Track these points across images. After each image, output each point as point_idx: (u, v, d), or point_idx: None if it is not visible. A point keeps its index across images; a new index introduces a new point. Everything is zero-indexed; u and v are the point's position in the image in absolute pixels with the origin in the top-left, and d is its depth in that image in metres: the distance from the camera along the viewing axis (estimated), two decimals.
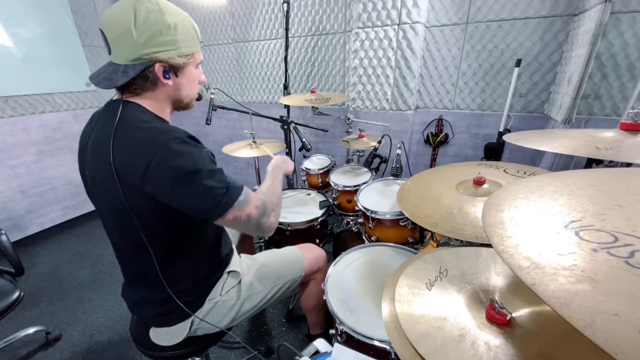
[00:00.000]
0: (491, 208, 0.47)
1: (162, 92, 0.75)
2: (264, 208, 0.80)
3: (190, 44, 0.73)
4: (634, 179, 0.47)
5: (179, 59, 0.72)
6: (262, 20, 2.50)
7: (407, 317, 0.58)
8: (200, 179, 0.68)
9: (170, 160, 0.66)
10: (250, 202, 0.76)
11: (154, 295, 0.82)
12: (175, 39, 0.69)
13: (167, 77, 0.73)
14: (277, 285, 1.02)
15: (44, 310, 1.76)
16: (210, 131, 3.21)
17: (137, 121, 0.70)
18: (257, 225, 0.78)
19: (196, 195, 0.68)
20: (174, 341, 0.85)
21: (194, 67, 0.78)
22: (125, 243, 0.81)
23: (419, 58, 1.93)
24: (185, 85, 0.78)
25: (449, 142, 2.12)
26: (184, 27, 0.71)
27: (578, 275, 0.31)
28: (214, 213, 0.71)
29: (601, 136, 0.80)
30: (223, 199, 0.71)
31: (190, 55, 0.75)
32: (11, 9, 2.13)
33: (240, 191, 0.75)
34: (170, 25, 0.68)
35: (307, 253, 1.13)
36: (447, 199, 0.89)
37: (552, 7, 1.61)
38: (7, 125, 2.21)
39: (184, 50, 0.72)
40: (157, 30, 0.67)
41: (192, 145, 0.71)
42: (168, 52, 0.70)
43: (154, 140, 0.67)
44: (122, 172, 0.68)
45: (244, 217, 0.75)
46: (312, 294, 1.16)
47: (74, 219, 2.71)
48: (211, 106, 1.58)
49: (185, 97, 0.80)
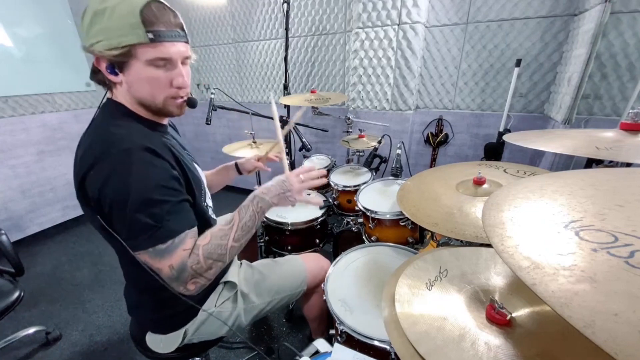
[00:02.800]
0: (491, 208, 0.47)
1: (119, 90, 0.68)
2: (179, 275, 0.64)
3: (124, 33, 0.58)
4: (634, 179, 0.47)
5: (107, 53, 0.59)
6: (262, 20, 2.50)
7: (407, 317, 0.58)
8: (128, 205, 0.59)
9: (105, 175, 0.59)
10: (169, 257, 0.63)
11: (147, 299, 0.80)
12: (105, 26, 0.58)
13: (111, 73, 0.64)
14: (274, 299, 0.97)
15: (44, 310, 1.76)
16: (210, 131, 3.21)
17: (99, 120, 0.67)
18: (168, 282, 0.65)
19: (118, 218, 0.61)
20: (168, 349, 0.83)
21: (142, 64, 0.62)
22: (113, 248, 0.75)
23: (419, 58, 1.93)
24: (135, 84, 0.65)
25: (449, 142, 2.12)
26: (121, 12, 0.58)
27: (578, 275, 0.31)
28: (128, 244, 0.62)
29: (601, 136, 0.80)
30: (139, 237, 0.61)
31: (127, 47, 0.59)
32: (11, 9, 2.13)
33: (168, 238, 0.62)
34: (101, 10, 0.57)
35: (312, 265, 1.07)
36: (447, 199, 0.89)
37: (552, 7, 1.61)
38: (7, 125, 2.21)
39: (113, 41, 0.58)
40: (92, 17, 0.58)
41: (142, 161, 0.61)
42: (100, 43, 0.59)
43: (98, 147, 0.61)
44: (74, 177, 0.64)
45: (154, 267, 0.64)
46: (314, 305, 1.12)
47: (74, 219, 2.71)
48: (211, 106, 1.58)
49: (147, 98, 0.67)
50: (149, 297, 0.80)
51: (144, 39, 0.60)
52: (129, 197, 0.59)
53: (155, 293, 0.76)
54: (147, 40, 0.60)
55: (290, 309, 1.62)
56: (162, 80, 0.66)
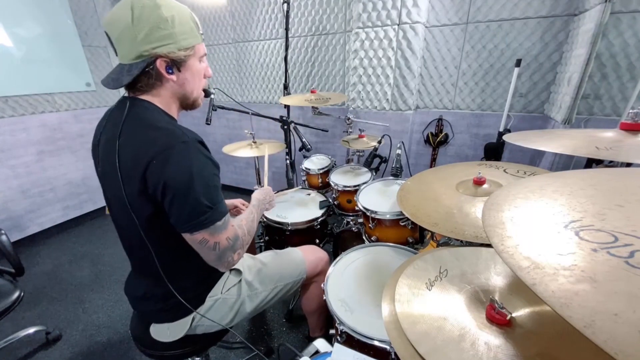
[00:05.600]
0: (491, 208, 0.47)
1: (167, 88, 0.75)
2: (234, 243, 0.78)
3: (189, 36, 0.72)
4: (634, 179, 0.47)
5: (179, 53, 0.71)
6: (262, 20, 2.50)
7: (407, 317, 0.58)
8: (191, 191, 0.67)
9: (171, 164, 0.66)
10: (225, 231, 0.75)
11: (156, 290, 0.83)
12: (173, 32, 0.68)
13: (170, 73, 0.72)
14: (277, 286, 1.02)
15: (44, 310, 1.76)
16: (210, 131, 3.21)
17: (146, 119, 0.71)
18: (220, 256, 0.76)
19: (180, 204, 0.68)
20: (174, 337, 0.86)
21: (197, 61, 0.77)
22: (129, 238, 0.83)
23: (419, 58, 1.93)
24: (190, 79, 0.77)
25: (449, 142, 2.13)
26: (182, 19, 0.70)
27: (578, 275, 0.31)
28: (186, 227, 0.70)
29: (601, 136, 0.80)
30: (200, 217, 0.69)
31: (191, 48, 0.73)
32: (11, 9, 2.12)
33: (222, 216, 0.73)
34: (166, 18, 0.67)
35: (310, 255, 1.12)
36: (447, 199, 0.89)
37: (552, 7, 1.61)
38: (7, 125, 2.21)
39: (183, 43, 0.71)
40: (154, 25, 0.66)
41: (199, 152, 0.70)
42: (167, 46, 0.69)
43: (160, 140, 0.67)
44: (126, 169, 0.69)
45: (211, 243, 0.73)
46: (313, 297, 1.16)
47: (74, 219, 2.71)
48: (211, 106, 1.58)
49: (190, 92, 0.79)
50: (186, 280, 0.84)
51: (200, 39, 0.76)
52: (193, 183, 0.67)
53: (197, 271, 0.86)
54: (201, 40, 0.77)
55: (290, 309, 1.62)
56: (201, 72, 0.80)
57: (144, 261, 0.81)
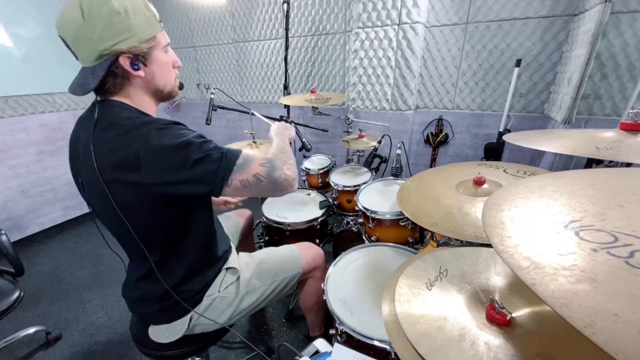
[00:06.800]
0: (491, 208, 0.47)
1: (136, 85, 0.71)
2: (271, 163, 0.74)
3: (147, 26, 0.67)
4: (634, 179, 0.47)
5: (140, 46, 0.66)
6: (262, 20, 2.50)
7: (407, 317, 0.58)
8: (191, 151, 0.65)
9: (156, 142, 0.63)
10: (253, 162, 0.71)
11: (153, 291, 0.82)
12: (128, 24, 0.64)
13: (136, 69, 0.68)
14: (275, 281, 1.02)
15: (44, 310, 1.76)
16: (210, 131, 3.21)
17: (117, 117, 0.67)
18: (271, 182, 0.73)
19: (193, 168, 0.65)
20: (173, 338, 0.85)
21: (161, 52, 0.72)
22: (121, 242, 0.82)
23: (419, 58, 1.93)
24: (159, 73, 0.73)
25: (449, 142, 2.13)
26: (136, 9, 0.65)
27: (578, 275, 0.31)
28: (217, 182, 0.67)
29: (601, 136, 0.80)
30: (220, 164, 0.67)
31: (152, 38, 0.68)
32: (11, 9, 2.12)
33: (239, 154, 0.70)
34: (119, 10, 0.62)
35: (305, 251, 1.12)
36: (447, 199, 0.89)
37: (552, 7, 1.61)
38: (7, 125, 2.21)
39: (142, 35, 0.66)
40: (107, 20, 0.62)
41: (175, 127, 0.68)
42: (126, 41, 0.64)
43: (135, 130, 0.65)
44: (110, 172, 0.65)
45: (251, 179, 0.70)
46: (310, 293, 1.16)
47: (74, 219, 2.71)
48: (211, 106, 1.58)
49: (163, 86, 0.76)
50: (182, 280, 0.83)
51: (160, 27, 0.71)
52: (188, 145, 0.65)
53: (192, 271, 0.84)
54: (161, 29, 0.71)
55: (290, 309, 1.62)
56: (169, 63, 0.75)
57: (140, 265, 0.81)
